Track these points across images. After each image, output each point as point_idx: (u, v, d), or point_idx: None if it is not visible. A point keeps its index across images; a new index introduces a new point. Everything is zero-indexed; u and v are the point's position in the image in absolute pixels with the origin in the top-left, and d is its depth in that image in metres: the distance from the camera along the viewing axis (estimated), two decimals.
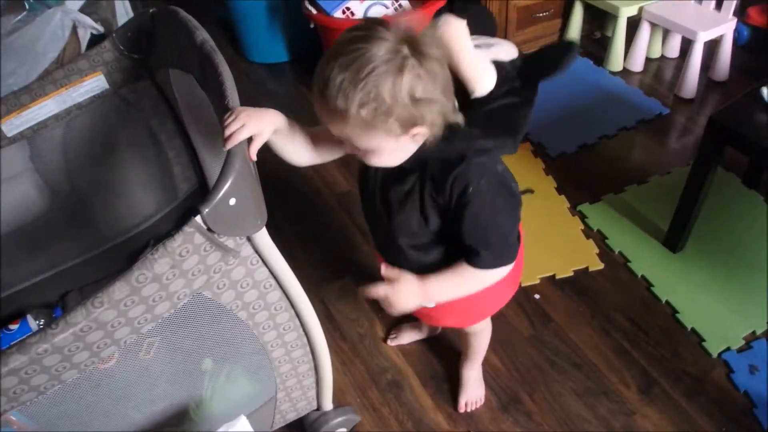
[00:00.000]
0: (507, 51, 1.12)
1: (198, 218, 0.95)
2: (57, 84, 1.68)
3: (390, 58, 0.90)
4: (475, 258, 1.13)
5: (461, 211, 1.07)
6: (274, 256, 1.15)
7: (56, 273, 1.98)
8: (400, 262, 1.23)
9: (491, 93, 1.06)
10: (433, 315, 1.42)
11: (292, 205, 2.35)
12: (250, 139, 1.05)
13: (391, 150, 1.02)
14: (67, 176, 1.88)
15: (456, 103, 1.03)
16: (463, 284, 1.18)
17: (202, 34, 1.25)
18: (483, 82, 1.05)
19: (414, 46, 0.92)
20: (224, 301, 1.14)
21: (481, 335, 1.59)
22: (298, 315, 1.28)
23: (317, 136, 1.20)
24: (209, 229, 0.97)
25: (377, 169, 1.15)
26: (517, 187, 1.14)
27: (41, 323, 1.87)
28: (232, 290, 1.13)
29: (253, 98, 2.97)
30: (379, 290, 1.15)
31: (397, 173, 1.11)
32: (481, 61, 1.06)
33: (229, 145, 1.01)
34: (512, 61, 1.10)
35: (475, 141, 1.03)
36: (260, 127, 1.06)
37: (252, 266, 1.14)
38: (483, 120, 1.04)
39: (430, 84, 0.94)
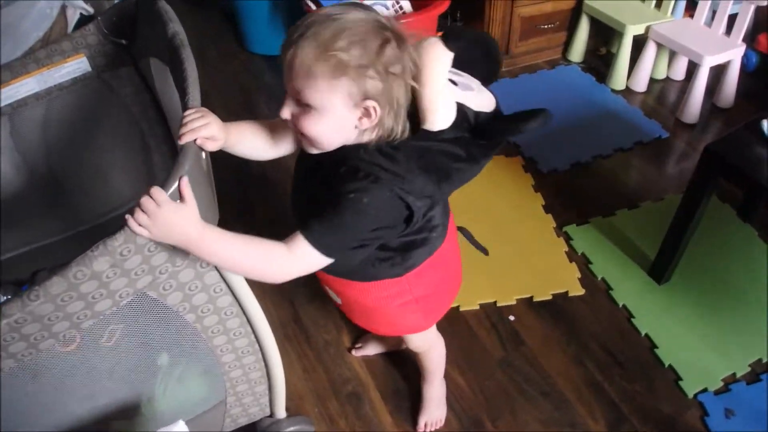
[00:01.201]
0: (481, 101, 1.09)
1: None
2: (39, 63, 1.66)
3: (380, 31, 0.94)
4: (304, 225, 1.02)
5: (329, 200, 1.00)
6: None
7: (29, 251, 1.96)
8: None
9: (440, 132, 1.02)
10: (336, 289, 1.34)
11: (273, 204, 2.32)
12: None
13: (335, 119, 0.97)
14: (45, 156, 1.86)
15: (407, 126, 1.02)
16: (252, 253, 1.02)
17: (175, 27, 1.22)
18: (436, 117, 1.02)
19: (399, 39, 0.96)
20: (170, 303, 1.11)
21: (429, 353, 1.54)
22: (249, 322, 1.24)
23: (276, 129, 1.18)
24: None
25: (301, 162, 1.15)
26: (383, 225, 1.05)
27: (8, 299, 1.85)
28: (179, 292, 1.10)
29: (248, 89, 2.95)
30: (149, 204, 0.90)
31: (313, 168, 1.10)
32: (445, 97, 1.02)
33: (185, 140, 0.99)
34: (479, 113, 1.07)
35: (392, 165, 0.99)
36: (221, 131, 1.05)
37: (202, 269, 1.10)
38: (415, 152, 1.01)
39: (401, 77, 0.96)
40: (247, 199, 2.34)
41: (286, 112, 1.00)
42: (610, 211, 2.26)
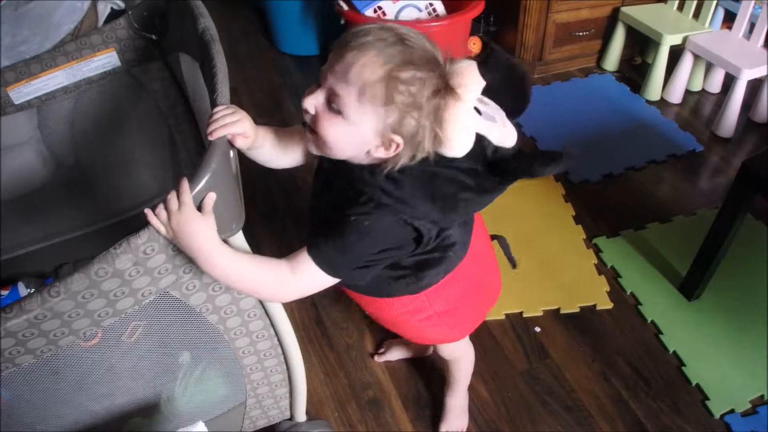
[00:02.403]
0: (503, 135, 1.04)
1: None
2: (68, 56, 1.66)
3: (438, 77, 0.91)
4: (309, 239, 1.01)
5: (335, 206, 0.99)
6: None
7: (53, 244, 1.97)
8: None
9: (454, 159, 0.97)
10: (359, 302, 1.31)
11: (299, 205, 2.30)
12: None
13: (357, 135, 0.93)
14: (72, 149, 1.86)
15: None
16: (256, 271, 1.00)
17: (206, 22, 1.20)
18: (455, 143, 0.95)
19: (447, 88, 0.92)
20: (194, 303, 1.09)
21: (459, 362, 1.52)
22: (272, 324, 1.22)
23: (291, 138, 1.15)
24: None
25: (318, 175, 1.11)
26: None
27: (31, 291, 1.86)
28: (202, 292, 1.08)
29: (276, 88, 2.94)
30: (173, 203, 0.90)
31: (328, 181, 1.08)
32: (466, 125, 0.96)
33: (216, 136, 0.96)
34: (498, 148, 1.02)
35: (398, 190, 0.96)
36: (253, 129, 1.03)
37: None
38: (423, 177, 0.97)
39: (434, 127, 0.92)
40: (271, 200, 2.33)
41: (310, 104, 0.94)
42: (641, 224, 2.21)
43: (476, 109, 1.01)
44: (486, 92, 1.00)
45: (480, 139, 0.99)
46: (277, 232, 2.18)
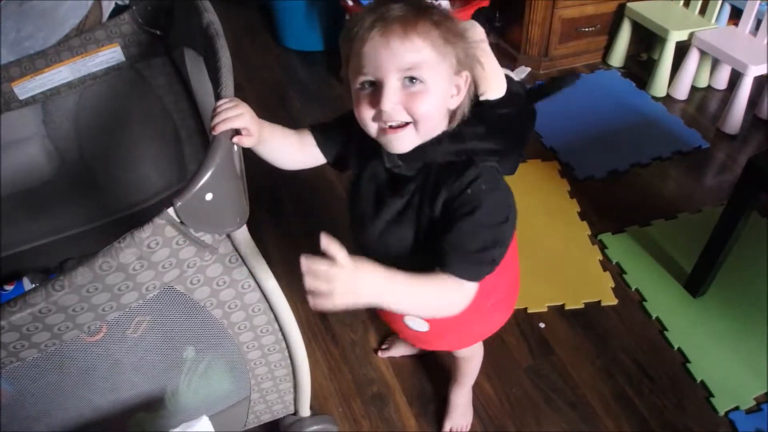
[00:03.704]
0: (515, 74, 1.14)
1: (170, 210, 0.90)
2: (73, 51, 1.66)
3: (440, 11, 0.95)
4: (456, 265, 0.96)
5: (457, 212, 0.97)
6: (254, 256, 1.10)
7: (58, 239, 1.97)
8: None
9: (499, 100, 1.03)
10: (423, 337, 1.31)
11: (304, 199, 2.30)
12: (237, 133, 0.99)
13: (441, 95, 0.95)
14: (77, 144, 1.86)
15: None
16: (431, 293, 0.97)
17: (210, 16, 1.20)
18: (498, 83, 1.03)
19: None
20: (197, 297, 1.09)
21: (472, 360, 1.52)
22: (277, 319, 1.22)
23: (303, 140, 1.15)
24: (182, 223, 0.92)
25: (370, 181, 1.09)
26: (515, 209, 1.03)
27: (34, 287, 1.86)
28: (206, 287, 1.08)
29: (281, 84, 2.94)
30: (320, 266, 0.81)
31: (395, 185, 1.04)
32: (498, 66, 1.05)
33: (219, 130, 0.95)
34: (516, 81, 1.08)
35: (483, 141, 0.99)
36: (255, 124, 1.01)
37: (230, 265, 1.09)
38: (491, 122, 1.01)
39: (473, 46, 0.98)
40: (276, 196, 2.32)
41: (390, 101, 0.92)
42: (647, 220, 2.20)
43: None
44: (498, 126, 1.03)
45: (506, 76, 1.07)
46: (282, 227, 2.18)
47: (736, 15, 2.78)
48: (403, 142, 0.98)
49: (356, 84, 0.95)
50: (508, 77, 1.07)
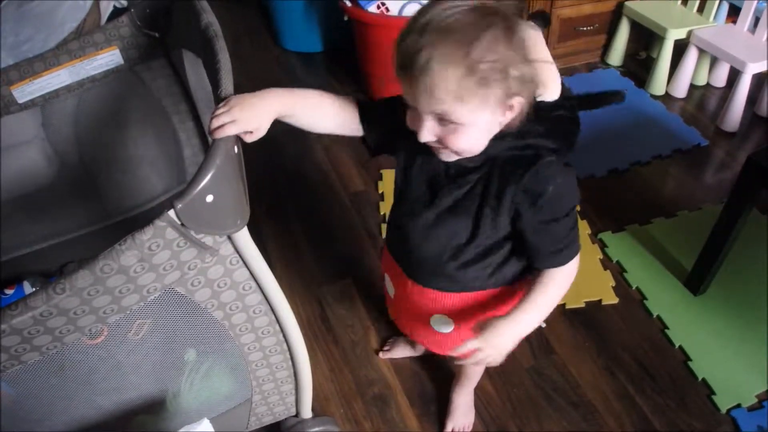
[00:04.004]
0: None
1: (171, 212, 0.90)
2: (71, 55, 1.65)
3: (492, 19, 0.87)
4: (553, 258, 1.07)
5: (540, 211, 1.00)
6: (255, 257, 1.09)
7: (58, 243, 1.97)
8: (432, 280, 1.18)
9: (554, 102, 1.04)
10: (444, 340, 1.32)
11: (304, 200, 2.30)
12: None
13: (482, 126, 0.94)
14: (76, 148, 1.86)
15: None
16: (550, 295, 1.09)
17: (208, 17, 1.20)
18: (555, 85, 1.04)
19: (504, 16, 0.89)
20: (198, 299, 1.09)
21: (479, 364, 1.50)
22: (278, 320, 1.22)
23: (345, 109, 1.13)
24: (183, 225, 0.92)
25: (422, 169, 1.08)
26: None
27: (35, 290, 1.86)
28: (207, 288, 1.08)
29: (281, 85, 2.90)
30: (473, 345, 1.05)
31: (454, 174, 1.05)
32: (555, 68, 1.06)
33: (216, 137, 0.95)
34: (566, 86, 1.13)
35: (544, 139, 1.00)
36: (254, 123, 0.99)
37: (231, 266, 1.08)
38: (548, 123, 1.01)
39: (527, 54, 0.91)
40: (277, 195, 2.33)
41: (427, 135, 0.95)
42: (647, 219, 2.20)
43: None
44: (554, 126, 1.04)
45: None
46: (283, 228, 2.18)
47: (734, 13, 2.77)
48: (446, 157, 1.00)
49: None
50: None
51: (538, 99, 1.01)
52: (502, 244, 1.10)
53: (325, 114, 1.12)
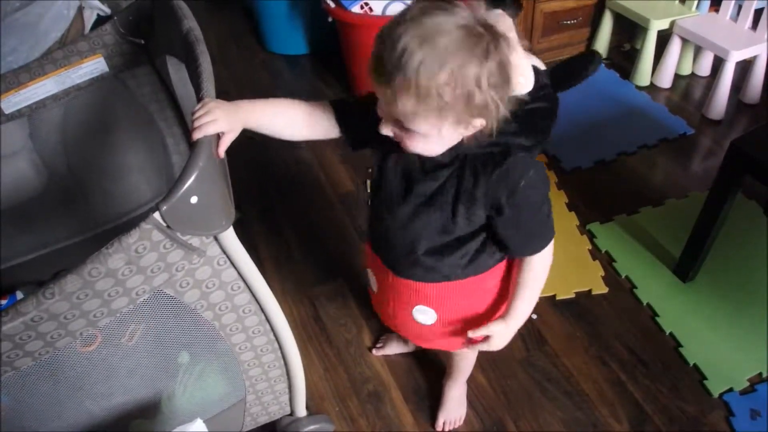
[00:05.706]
0: (538, 62, 1.13)
1: (156, 215, 0.91)
2: (56, 64, 1.66)
3: (475, 41, 0.85)
4: (531, 246, 1.13)
5: (513, 206, 1.03)
6: (242, 257, 1.10)
7: (50, 252, 1.97)
8: (411, 271, 1.19)
9: (530, 93, 1.06)
10: (424, 333, 1.34)
11: (294, 202, 2.31)
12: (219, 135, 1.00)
13: (443, 137, 0.95)
14: (64, 157, 1.86)
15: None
16: (535, 282, 1.17)
17: (189, 23, 1.21)
18: (526, 79, 1.05)
19: (491, 31, 0.88)
20: (187, 301, 1.10)
21: (467, 357, 1.53)
22: (268, 320, 1.23)
23: (314, 113, 1.14)
24: (168, 227, 0.93)
25: (397, 163, 1.09)
26: None
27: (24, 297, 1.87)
28: (196, 289, 1.09)
29: (268, 88, 2.95)
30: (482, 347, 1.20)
31: (428, 168, 1.06)
32: (525, 61, 1.06)
33: (197, 136, 0.96)
34: (543, 71, 1.11)
35: (516, 137, 1.02)
36: (231, 124, 1.01)
37: (219, 267, 1.09)
38: (521, 118, 1.01)
39: (505, 72, 0.90)
40: (266, 197, 2.33)
41: (386, 131, 0.98)
42: (635, 208, 2.22)
43: None
44: (527, 122, 1.05)
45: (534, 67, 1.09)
46: (273, 230, 2.19)
47: (716, 2, 2.79)
48: (411, 150, 1.00)
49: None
50: (534, 68, 1.08)
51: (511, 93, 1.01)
52: (477, 234, 1.12)
53: (295, 116, 1.14)
